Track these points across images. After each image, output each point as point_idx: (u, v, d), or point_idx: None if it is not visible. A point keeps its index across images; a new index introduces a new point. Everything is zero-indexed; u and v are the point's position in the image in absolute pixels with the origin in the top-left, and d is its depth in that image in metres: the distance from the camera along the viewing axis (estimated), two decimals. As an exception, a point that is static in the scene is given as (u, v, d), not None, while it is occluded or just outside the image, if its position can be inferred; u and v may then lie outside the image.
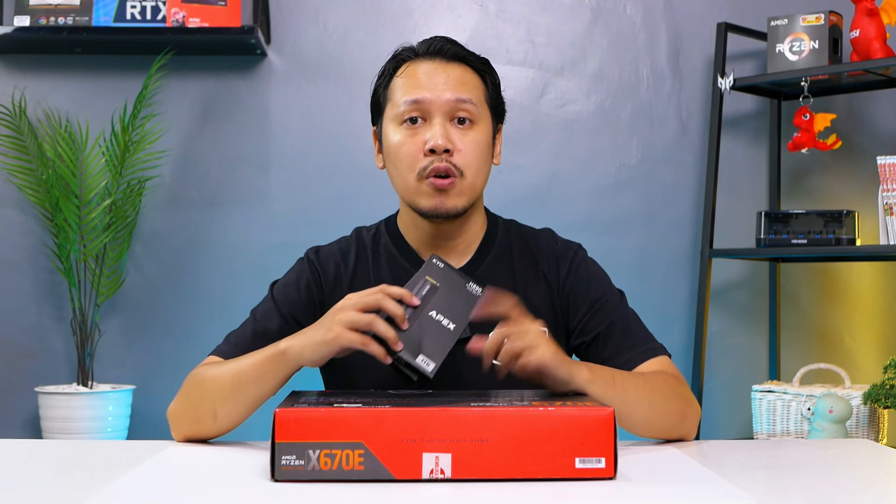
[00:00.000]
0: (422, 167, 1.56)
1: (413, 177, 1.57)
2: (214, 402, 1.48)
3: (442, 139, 1.54)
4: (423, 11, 3.28)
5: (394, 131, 1.59)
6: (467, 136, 1.57)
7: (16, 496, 1.16)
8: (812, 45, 3.02)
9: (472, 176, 1.57)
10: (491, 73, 1.65)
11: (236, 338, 1.61)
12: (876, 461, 1.44)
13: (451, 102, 1.57)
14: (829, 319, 3.29)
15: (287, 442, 1.16)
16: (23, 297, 3.19)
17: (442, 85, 1.57)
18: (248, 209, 3.23)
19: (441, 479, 1.16)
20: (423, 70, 1.59)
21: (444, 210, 1.57)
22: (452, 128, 1.57)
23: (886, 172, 2.86)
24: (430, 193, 1.56)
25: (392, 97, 1.61)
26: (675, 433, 1.52)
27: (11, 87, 3.17)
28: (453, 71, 1.59)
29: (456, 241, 1.64)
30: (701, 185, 3.25)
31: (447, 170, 1.55)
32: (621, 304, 1.64)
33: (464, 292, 1.43)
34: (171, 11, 3.10)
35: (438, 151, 1.54)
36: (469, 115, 1.58)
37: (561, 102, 3.29)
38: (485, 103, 1.61)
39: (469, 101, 1.57)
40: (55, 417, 2.93)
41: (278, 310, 1.62)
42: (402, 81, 1.60)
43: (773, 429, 2.95)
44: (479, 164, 1.58)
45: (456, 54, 1.61)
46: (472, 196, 1.59)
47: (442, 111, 1.56)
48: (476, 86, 1.61)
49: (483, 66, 1.64)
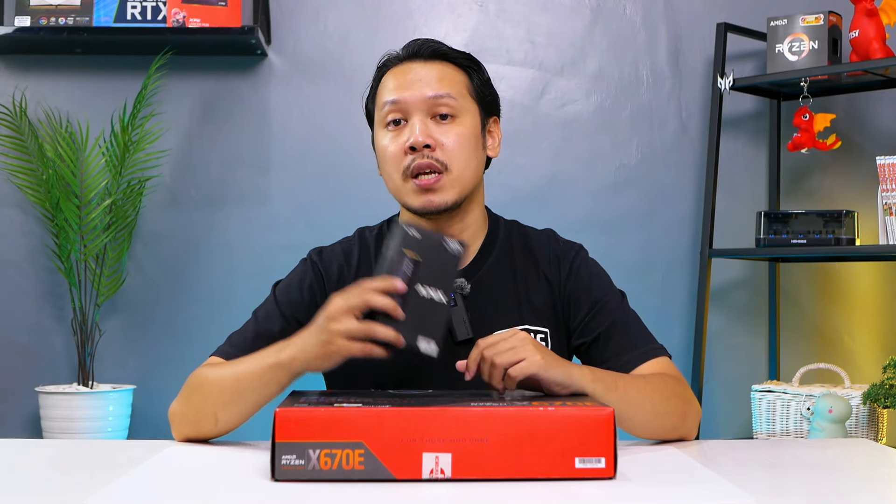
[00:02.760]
0: (405, 166, 1.57)
1: (399, 177, 1.58)
2: (216, 406, 1.48)
3: (421, 136, 1.56)
4: (423, 11, 3.28)
5: (381, 136, 1.62)
6: (450, 131, 1.58)
7: (16, 496, 1.16)
8: (812, 45, 3.02)
9: (459, 169, 1.58)
10: (477, 68, 1.66)
11: (238, 339, 1.61)
12: (876, 461, 1.44)
13: (429, 99, 1.58)
14: (829, 319, 3.29)
15: (287, 442, 1.16)
16: (23, 297, 3.19)
17: (419, 83, 1.59)
18: (248, 209, 3.23)
19: (441, 479, 1.16)
20: (402, 72, 1.62)
21: (434, 207, 1.58)
22: (434, 124, 1.58)
23: (886, 172, 2.86)
24: (416, 192, 1.58)
25: (377, 102, 1.64)
26: (676, 434, 1.52)
27: (12, 87, 3.17)
28: (432, 69, 1.61)
29: (458, 238, 1.64)
30: (701, 185, 3.25)
31: (429, 165, 1.56)
32: (622, 304, 1.64)
33: (444, 256, 1.38)
34: (172, 12, 3.10)
35: (418, 148, 1.56)
36: (450, 110, 1.59)
37: (561, 102, 3.29)
38: (468, 97, 1.62)
39: (447, 95, 1.59)
40: (55, 417, 2.93)
41: (280, 311, 1.62)
42: (384, 86, 1.63)
43: (772, 429, 2.95)
44: (466, 156, 1.59)
45: (434, 52, 1.63)
46: (462, 189, 1.59)
47: (420, 109, 1.58)
48: (457, 80, 1.62)
49: (466, 60, 1.65)
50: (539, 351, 1.38)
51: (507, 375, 1.37)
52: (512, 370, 1.36)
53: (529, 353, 1.37)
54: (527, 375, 1.36)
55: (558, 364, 1.39)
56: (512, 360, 1.36)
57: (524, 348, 1.38)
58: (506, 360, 1.36)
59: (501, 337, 1.40)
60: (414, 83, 1.59)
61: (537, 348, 1.38)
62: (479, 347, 1.40)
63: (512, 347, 1.38)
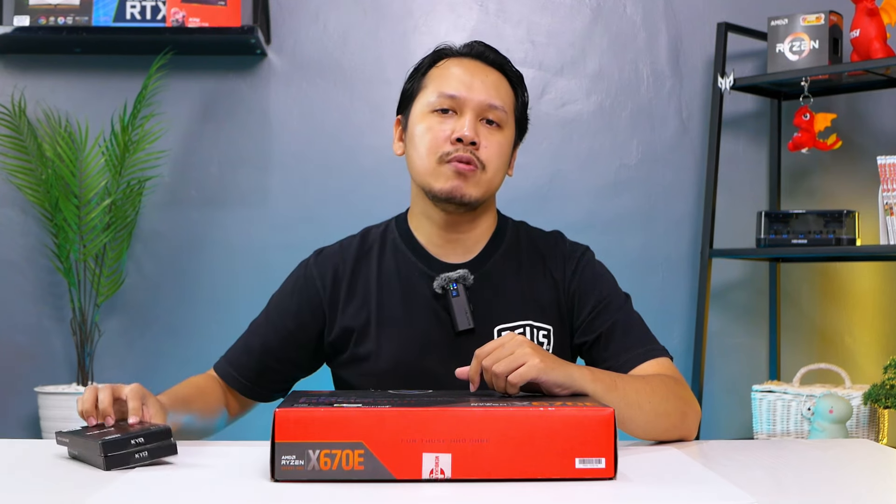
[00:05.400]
0: (445, 152, 1.59)
1: (434, 159, 1.60)
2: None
3: (471, 131, 1.58)
4: (423, 11, 3.28)
5: (422, 117, 1.62)
6: (494, 136, 1.61)
7: (16, 496, 1.16)
8: (812, 45, 3.02)
9: (492, 172, 1.61)
10: (523, 89, 1.70)
11: (233, 353, 1.70)
12: (876, 461, 1.44)
13: (484, 104, 1.61)
14: (829, 319, 3.29)
15: (287, 442, 1.16)
16: (23, 297, 3.19)
17: (478, 85, 1.62)
18: (248, 209, 3.23)
19: (441, 479, 1.16)
20: (461, 68, 1.64)
21: (460, 195, 1.59)
22: (481, 126, 1.61)
23: (886, 172, 2.86)
24: (449, 176, 1.59)
25: (427, 87, 1.64)
26: (676, 434, 1.52)
27: (11, 87, 3.17)
28: (490, 75, 1.64)
29: (465, 237, 1.66)
30: (701, 185, 3.25)
31: (470, 160, 1.58)
32: (625, 305, 1.65)
33: None
34: (171, 11, 3.10)
35: (465, 142, 1.58)
36: (497, 120, 1.62)
37: (561, 102, 3.29)
38: (512, 114, 1.66)
39: (500, 107, 1.62)
40: (55, 417, 2.93)
41: (270, 323, 1.68)
42: (439, 73, 1.64)
43: (773, 429, 2.95)
44: (500, 163, 1.62)
45: (495, 61, 1.66)
46: (488, 190, 1.62)
47: (474, 109, 1.61)
48: (508, 95, 1.66)
49: (517, 79, 1.69)
50: (537, 354, 1.38)
51: (508, 382, 1.36)
52: (512, 376, 1.36)
53: (528, 358, 1.36)
54: (527, 380, 1.36)
55: (558, 366, 1.39)
56: (511, 367, 1.36)
57: (522, 353, 1.37)
58: (505, 367, 1.36)
59: (498, 343, 1.39)
60: (475, 84, 1.61)
61: (535, 352, 1.38)
62: (477, 358, 1.40)
63: (510, 354, 1.37)
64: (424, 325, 1.62)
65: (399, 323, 1.62)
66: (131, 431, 1.29)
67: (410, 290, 1.64)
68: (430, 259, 1.65)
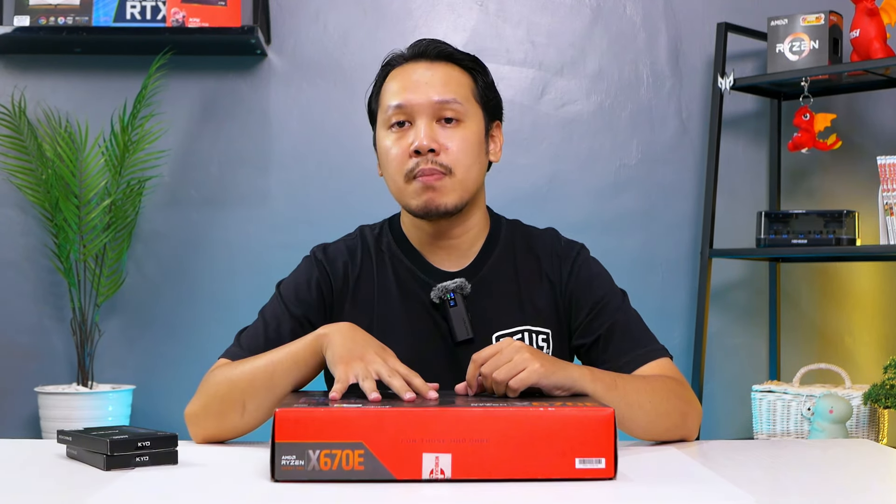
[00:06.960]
0: (408, 169, 1.56)
1: (401, 179, 1.57)
2: (245, 394, 1.46)
3: (426, 140, 1.55)
4: (423, 11, 3.28)
5: (384, 136, 1.60)
6: (454, 135, 1.57)
7: (16, 496, 1.16)
8: (812, 45, 3.02)
9: (462, 173, 1.57)
10: (482, 71, 1.65)
11: (248, 341, 1.59)
12: (876, 461, 1.44)
13: (435, 104, 1.57)
14: (829, 319, 3.29)
15: (287, 442, 1.16)
16: (23, 297, 3.19)
17: (425, 86, 1.58)
18: (248, 209, 3.23)
19: (441, 479, 1.16)
20: (407, 73, 1.60)
21: (435, 207, 1.56)
22: (439, 128, 1.57)
23: (886, 172, 2.86)
24: (418, 192, 1.56)
25: (381, 103, 1.62)
26: (677, 434, 1.52)
27: (11, 87, 3.17)
28: (438, 71, 1.60)
29: (458, 241, 1.64)
30: (701, 185, 3.25)
31: (432, 171, 1.55)
32: (623, 305, 1.64)
33: None
34: (171, 11, 3.10)
35: (423, 152, 1.55)
36: (455, 115, 1.58)
37: (561, 102, 3.29)
38: (473, 101, 1.61)
39: (453, 100, 1.58)
40: (55, 417, 2.93)
41: (290, 312, 1.61)
42: (388, 86, 1.61)
43: (773, 429, 2.95)
44: (469, 161, 1.58)
45: (441, 53, 1.61)
46: (464, 193, 1.58)
47: (426, 113, 1.57)
48: (463, 83, 1.61)
49: (472, 63, 1.64)
50: (536, 358, 1.37)
51: (508, 388, 1.36)
52: (513, 382, 1.35)
53: (528, 363, 1.36)
54: (528, 385, 1.36)
55: (558, 368, 1.39)
56: (511, 374, 1.35)
57: (521, 359, 1.36)
58: (505, 374, 1.35)
59: (496, 349, 1.39)
60: (420, 86, 1.58)
61: (534, 356, 1.37)
62: (475, 363, 1.39)
63: (509, 360, 1.36)
64: (423, 335, 1.60)
65: (398, 332, 1.59)
66: (139, 434, 1.29)
67: (408, 298, 1.61)
68: (427, 266, 1.63)
